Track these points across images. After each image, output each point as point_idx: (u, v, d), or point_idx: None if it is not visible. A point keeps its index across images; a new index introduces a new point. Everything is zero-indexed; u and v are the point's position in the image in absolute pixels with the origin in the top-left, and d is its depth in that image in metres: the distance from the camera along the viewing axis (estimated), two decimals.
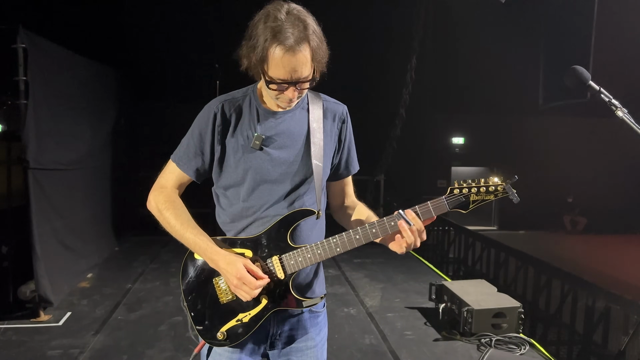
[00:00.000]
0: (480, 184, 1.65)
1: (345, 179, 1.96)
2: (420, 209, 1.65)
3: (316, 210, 1.72)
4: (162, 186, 1.81)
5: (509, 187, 1.62)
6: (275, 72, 1.56)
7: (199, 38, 7.55)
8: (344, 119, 1.85)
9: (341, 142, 1.86)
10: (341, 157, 1.88)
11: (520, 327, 4.36)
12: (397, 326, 4.68)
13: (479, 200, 1.65)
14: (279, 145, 1.72)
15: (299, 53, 1.53)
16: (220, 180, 1.78)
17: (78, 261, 5.68)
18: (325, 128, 1.79)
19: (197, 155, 1.76)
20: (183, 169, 1.78)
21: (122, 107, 7.57)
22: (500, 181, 1.64)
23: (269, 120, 1.73)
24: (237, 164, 1.72)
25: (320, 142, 1.75)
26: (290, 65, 1.54)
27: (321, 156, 1.75)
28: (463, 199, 1.65)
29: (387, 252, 6.90)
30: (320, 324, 1.90)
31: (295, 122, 1.75)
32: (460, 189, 1.65)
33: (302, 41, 1.53)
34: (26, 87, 4.52)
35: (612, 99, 1.55)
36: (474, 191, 1.64)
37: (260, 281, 1.63)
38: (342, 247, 1.68)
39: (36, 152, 4.63)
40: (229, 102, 1.75)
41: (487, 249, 6.46)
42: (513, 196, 1.62)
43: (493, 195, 1.65)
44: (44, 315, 4.65)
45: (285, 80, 1.57)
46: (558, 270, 4.98)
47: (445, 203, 1.65)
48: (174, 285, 5.63)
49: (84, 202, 6.08)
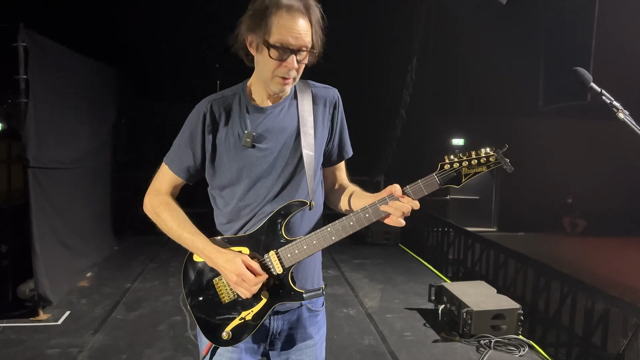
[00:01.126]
0: (472, 156, 1.59)
1: (338, 164, 1.95)
2: (412, 188, 1.61)
3: (308, 201, 1.72)
4: (156, 189, 1.81)
5: (501, 156, 1.56)
6: (277, 36, 1.55)
7: (200, 37, 7.54)
8: (335, 102, 1.83)
9: (333, 127, 1.84)
10: (333, 142, 1.86)
11: (520, 328, 4.36)
12: (397, 327, 4.68)
13: (471, 174, 1.59)
14: (271, 141, 1.72)
15: (302, 18, 1.56)
16: (215, 181, 1.78)
17: (77, 260, 5.69)
18: (316, 115, 1.77)
19: (189, 156, 1.76)
20: (174, 170, 1.78)
21: (122, 106, 7.58)
22: (491, 151, 1.57)
23: (259, 117, 1.72)
24: (230, 163, 1.72)
25: (311, 130, 1.74)
26: (294, 28, 1.55)
27: (312, 145, 1.73)
28: (454, 173, 1.59)
29: (387, 253, 6.90)
30: (319, 322, 1.90)
31: (284, 115, 1.74)
32: (451, 163, 1.59)
33: (305, 9, 1.57)
34: (26, 85, 4.52)
35: (614, 101, 1.54)
36: (465, 164, 1.58)
37: (259, 277, 1.63)
38: (336, 235, 1.65)
39: (36, 151, 4.63)
40: (218, 101, 1.75)
41: (487, 251, 6.46)
42: (506, 165, 1.56)
43: (485, 166, 1.58)
44: (43, 314, 4.66)
45: (288, 45, 1.56)
46: (557, 272, 4.98)
47: (436, 179, 1.59)
48: (173, 285, 5.62)
49: (84, 201, 6.07)
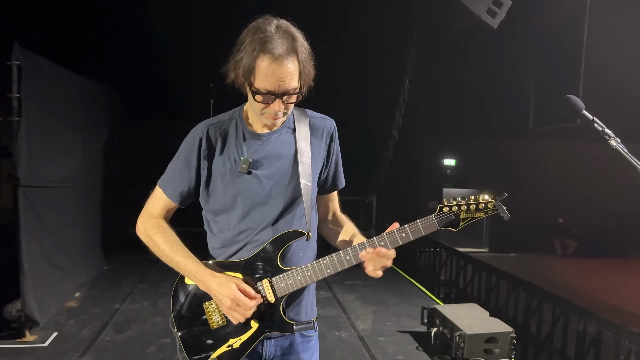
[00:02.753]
0: (470, 201, 1.62)
1: (331, 194, 1.95)
2: (410, 228, 1.63)
3: (306, 231, 1.72)
4: (149, 212, 1.80)
5: (499, 204, 1.60)
6: (262, 83, 1.55)
7: (193, 57, 7.58)
8: (332, 134, 1.84)
9: (329, 157, 1.85)
10: (328, 172, 1.87)
11: (513, 352, 4.34)
12: (389, 350, 4.63)
13: (469, 218, 1.62)
14: (267, 168, 1.71)
15: (287, 64, 1.54)
16: (209, 205, 1.77)
17: (66, 280, 5.60)
18: (313, 145, 1.78)
19: (183, 181, 1.75)
20: (168, 194, 1.78)
21: (114, 125, 7.56)
22: (490, 198, 1.61)
23: (255, 143, 1.72)
24: (225, 189, 1.71)
25: (309, 160, 1.74)
26: (277, 75, 1.54)
27: (309, 175, 1.74)
28: (453, 217, 1.62)
29: None
30: (312, 348, 1.88)
31: (281, 143, 1.74)
32: (450, 207, 1.62)
33: (290, 52, 1.54)
34: (19, 104, 4.50)
35: (606, 128, 1.56)
36: (464, 209, 1.62)
37: (254, 301, 1.62)
38: (332, 268, 1.66)
39: (27, 170, 4.59)
40: (214, 126, 1.74)
41: (479, 272, 6.45)
42: (504, 213, 1.60)
43: (483, 212, 1.62)
44: (29, 336, 4.56)
45: (272, 91, 1.56)
46: (549, 294, 4.98)
47: (435, 221, 1.62)
48: (163, 306, 5.55)
49: (74, 220, 6.01)
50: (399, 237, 1.63)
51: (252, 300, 1.61)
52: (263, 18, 1.61)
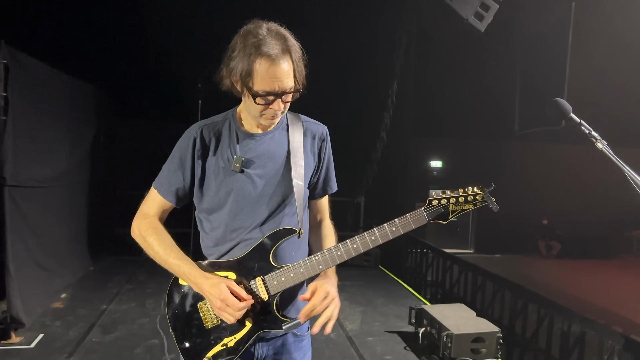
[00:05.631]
0: (459, 193, 1.65)
1: (321, 199, 1.97)
2: (400, 222, 1.65)
3: (297, 229, 1.73)
4: (144, 214, 1.81)
5: (487, 195, 1.63)
6: (261, 85, 1.58)
7: (182, 57, 7.54)
8: (324, 138, 1.87)
9: (320, 160, 1.87)
10: (319, 176, 1.89)
11: (499, 352, 4.39)
12: (377, 350, 4.66)
13: (458, 211, 1.65)
14: (260, 167, 1.73)
15: (282, 64, 1.58)
16: (202, 204, 1.78)
17: (52, 281, 5.54)
18: (305, 147, 1.80)
19: (178, 181, 1.77)
20: (163, 194, 1.79)
21: (101, 125, 7.49)
22: (478, 190, 1.64)
23: (249, 143, 1.74)
24: (218, 187, 1.73)
25: (301, 161, 1.77)
26: (275, 76, 1.57)
27: (302, 175, 1.76)
28: (442, 209, 1.65)
29: (367, 275, 6.87)
30: (304, 348, 1.90)
31: (275, 143, 1.77)
32: (439, 199, 1.65)
33: (284, 52, 1.58)
34: (5, 102, 4.45)
35: (592, 131, 1.60)
36: (453, 201, 1.65)
37: (244, 302, 1.63)
38: (324, 264, 1.68)
39: (13, 169, 4.55)
40: (208, 126, 1.77)
41: (465, 273, 6.51)
42: (492, 204, 1.62)
43: (472, 204, 1.65)
44: (15, 337, 4.50)
45: (271, 92, 1.59)
46: (534, 295, 5.04)
47: (424, 214, 1.65)
48: (150, 307, 5.52)
49: (60, 220, 5.95)
50: (389, 230, 1.65)
51: (242, 301, 1.62)
52: (252, 22, 1.63)
